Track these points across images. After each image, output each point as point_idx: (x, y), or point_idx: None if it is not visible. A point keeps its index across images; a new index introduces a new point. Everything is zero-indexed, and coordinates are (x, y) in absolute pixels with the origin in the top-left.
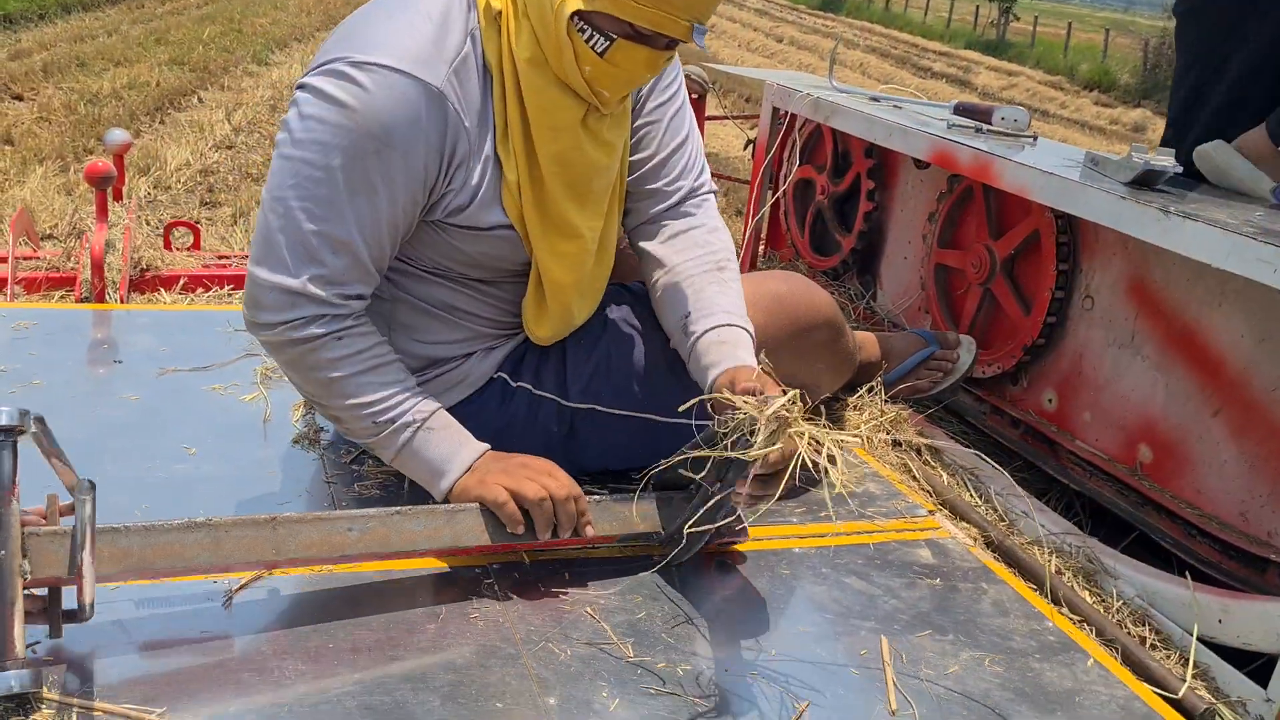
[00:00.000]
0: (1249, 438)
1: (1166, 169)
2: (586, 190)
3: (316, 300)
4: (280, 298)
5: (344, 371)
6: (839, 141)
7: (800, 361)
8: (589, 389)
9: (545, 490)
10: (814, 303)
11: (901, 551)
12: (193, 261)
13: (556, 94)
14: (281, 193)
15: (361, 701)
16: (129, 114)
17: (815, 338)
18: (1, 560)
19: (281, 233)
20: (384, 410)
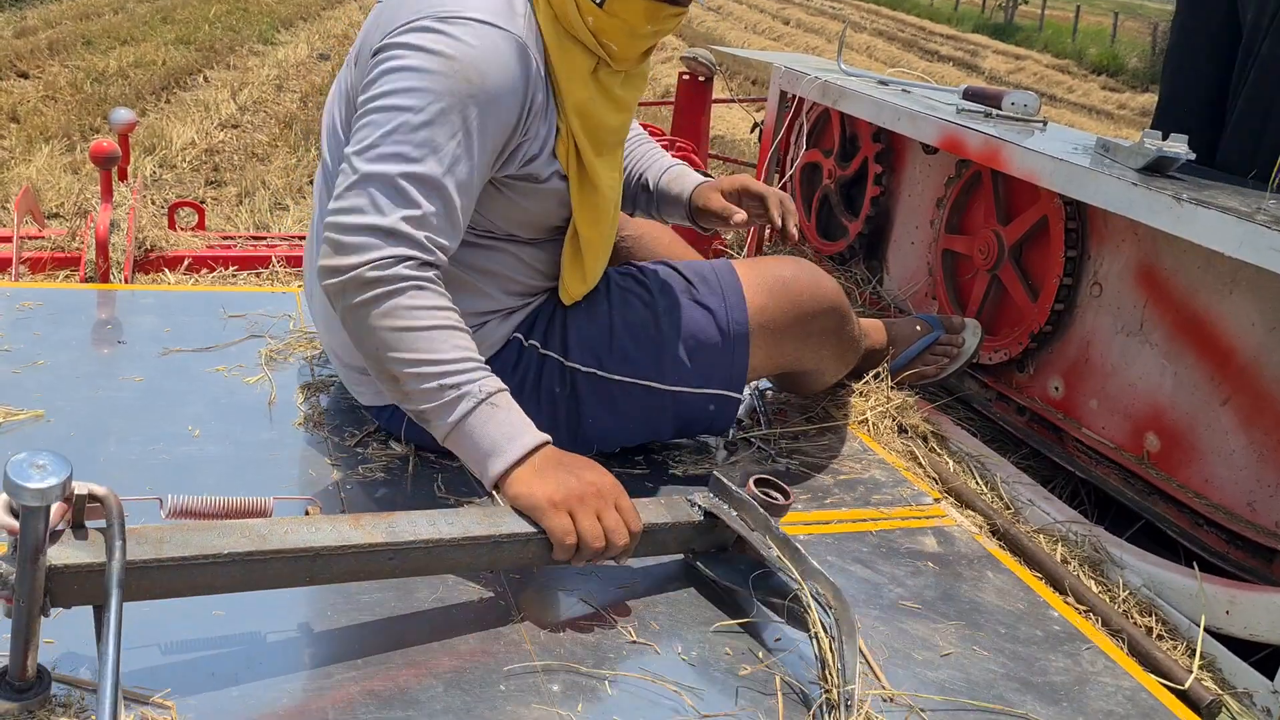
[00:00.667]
0: (1258, 427)
1: (1179, 156)
2: (602, 144)
3: (408, 240)
4: (369, 237)
5: (420, 323)
6: (847, 125)
7: (804, 347)
8: (590, 349)
9: (601, 533)
10: (819, 288)
11: (907, 539)
12: (197, 242)
13: (569, 45)
14: (374, 141)
15: (364, 687)
16: (135, 93)
17: (820, 323)
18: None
19: (374, 178)
20: (452, 374)
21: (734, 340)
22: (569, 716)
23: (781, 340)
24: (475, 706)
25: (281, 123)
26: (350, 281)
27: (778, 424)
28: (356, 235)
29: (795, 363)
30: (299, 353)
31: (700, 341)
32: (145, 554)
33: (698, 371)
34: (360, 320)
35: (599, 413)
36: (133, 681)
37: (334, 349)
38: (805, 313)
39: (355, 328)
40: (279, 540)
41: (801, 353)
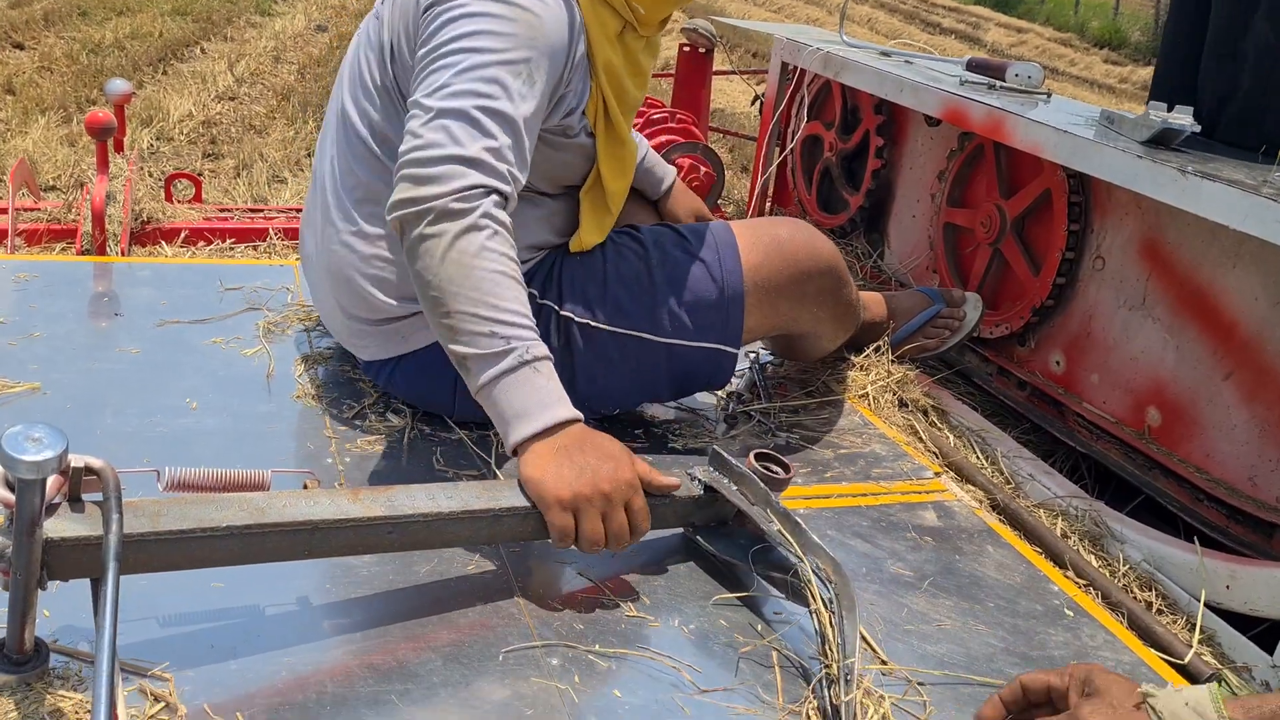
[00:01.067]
0: (1260, 401)
1: (1184, 128)
2: (624, 101)
3: (491, 170)
4: (453, 166)
5: (491, 266)
6: (848, 98)
7: (800, 308)
8: (584, 299)
9: (602, 536)
10: (815, 248)
11: (907, 513)
12: (194, 214)
13: (600, 5)
14: (447, 81)
15: (362, 660)
16: (131, 64)
17: (816, 284)
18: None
19: (450, 113)
20: (507, 325)
21: (729, 297)
22: (567, 690)
23: (777, 300)
24: (474, 680)
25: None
26: (432, 210)
27: (777, 397)
28: (439, 166)
29: (792, 324)
30: (297, 325)
31: (695, 296)
32: (142, 527)
33: (693, 325)
34: (433, 249)
35: (594, 369)
36: (131, 654)
37: (338, 302)
38: (801, 272)
39: (425, 256)
40: (277, 514)
41: (798, 313)
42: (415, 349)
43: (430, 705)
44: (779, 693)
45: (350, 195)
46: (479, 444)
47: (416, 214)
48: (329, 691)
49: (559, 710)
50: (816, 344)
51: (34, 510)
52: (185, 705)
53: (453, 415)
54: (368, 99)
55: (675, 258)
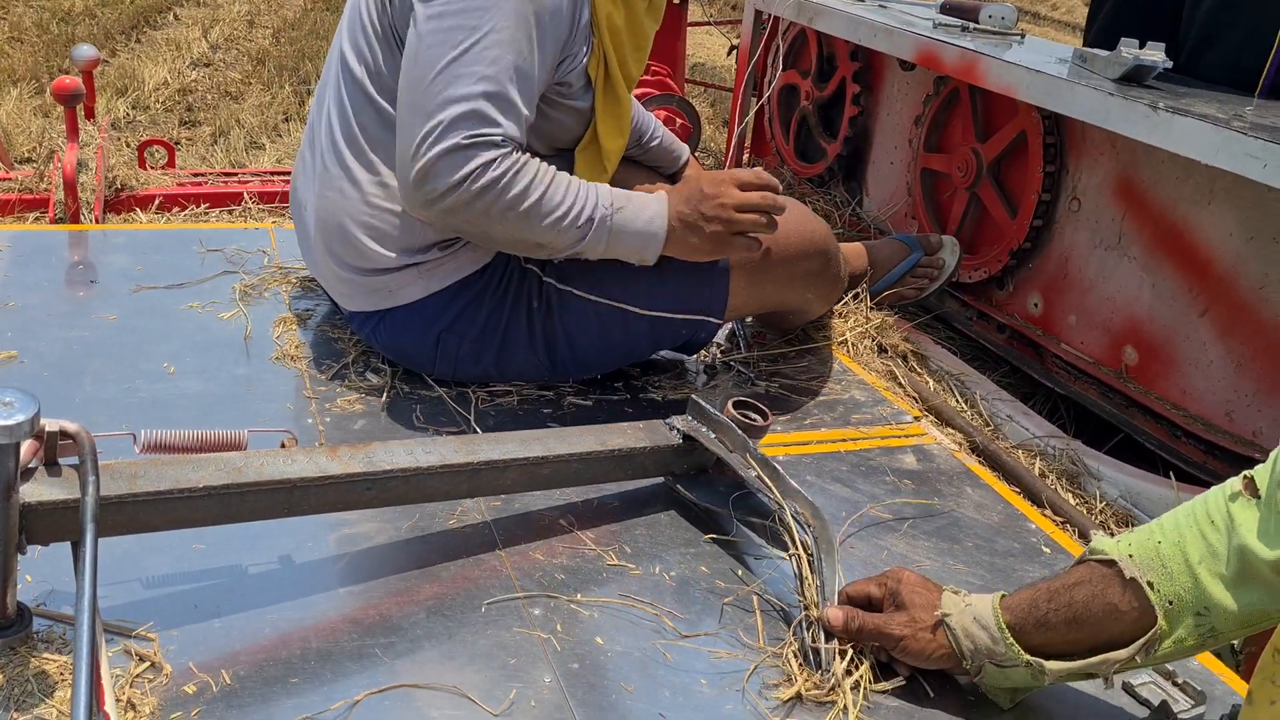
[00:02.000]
0: (1235, 336)
1: (1156, 64)
2: (624, 60)
3: (487, 144)
4: (453, 158)
5: (535, 196)
6: (824, 45)
7: (787, 289)
8: (567, 267)
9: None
10: (806, 232)
11: (886, 458)
12: (168, 180)
13: None
14: (447, 64)
15: (346, 615)
16: (103, 32)
17: (805, 266)
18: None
19: (456, 100)
20: (580, 214)
21: (714, 274)
22: (549, 639)
23: (763, 281)
24: (457, 632)
25: (255, 60)
26: (458, 204)
27: (757, 347)
28: (441, 160)
29: (778, 304)
30: (274, 288)
31: (680, 271)
32: (120, 489)
33: (676, 298)
34: (484, 226)
35: (575, 336)
36: (115, 615)
37: (330, 251)
38: (790, 255)
39: (486, 228)
40: (255, 473)
41: (784, 295)
42: (402, 304)
43: (414, 657)
44: (760, 636)
45: (349, 143)
46: (458, 401)
47: (445, 210)
48: (313, 647)
49: (542, 659)
50: (801, 318)
51: (9, 475)
52: (170, 664)
53: (433, 373)
54: (366, 44)
55: None
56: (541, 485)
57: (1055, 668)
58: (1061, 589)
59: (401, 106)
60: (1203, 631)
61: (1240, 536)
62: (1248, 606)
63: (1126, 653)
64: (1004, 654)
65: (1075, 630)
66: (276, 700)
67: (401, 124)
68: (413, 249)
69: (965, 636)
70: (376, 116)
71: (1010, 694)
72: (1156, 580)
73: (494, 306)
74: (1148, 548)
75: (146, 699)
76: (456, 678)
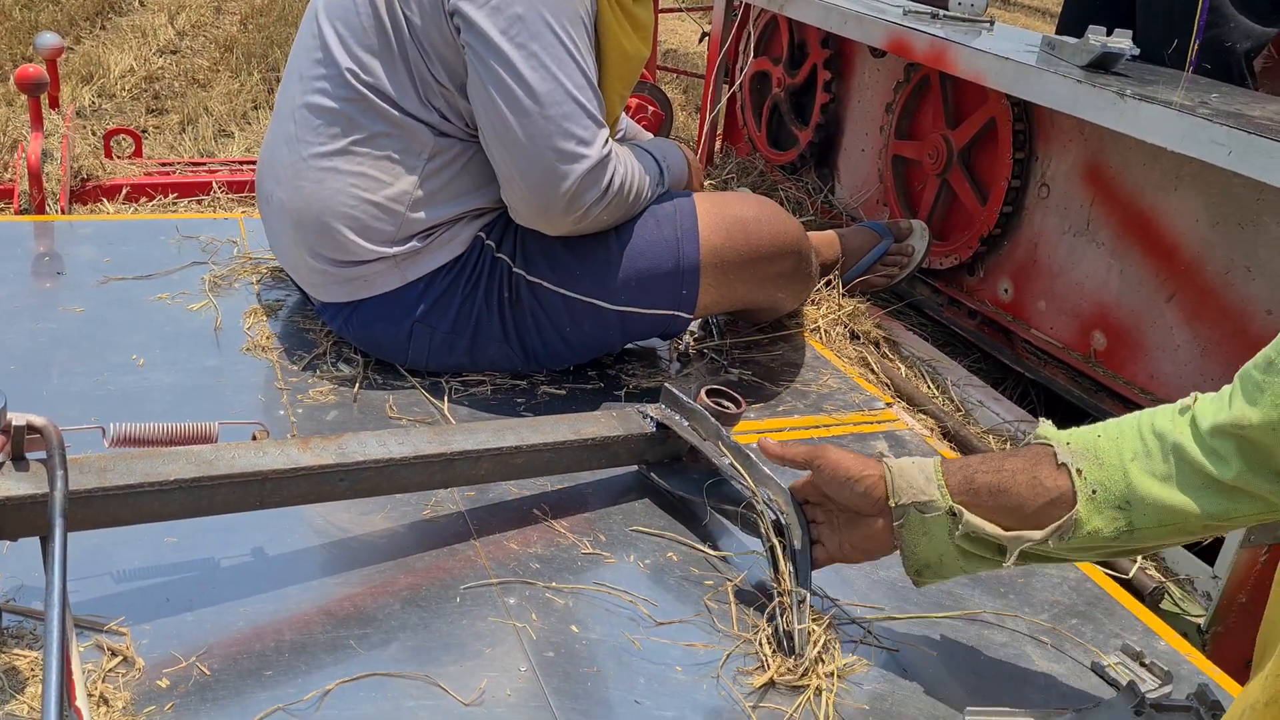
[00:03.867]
0: (1202, 321)
1: (1123, 51)
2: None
3: (610, 153)
4: (593, 174)
5: (635, 175)
6: (795, 32)
7: (758, 289)
8: (538, 259)
9: None
10: (779, 233)
11: (858, 444)
12: (135, 169)
13: None
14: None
15: (320, 607)
16: (67, 19)
17: (777, 267)
18: None
19: (561, 118)
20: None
21: (685, 271)
22: (524, 628)
23: (734, 281)
24: (432, 622)
25: (222, 47)
26: (608, 205)
27: (730, 334)
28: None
29: (749, 303)
30: (244, 278)
31: (650, 269)
32: (89, 483)
33: (646, 295)
34: (615, 216)
35: (545, 328)
36: (87, 610)
37: (303, 243)
38: (762, 256)
39: (610, 220)
40: (226, 465)
41: (755, 294)
42: (375, 294)
43: (388, 648)
44: (733, 622)
45: (329, 134)
46: (432, 391)
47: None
48: (287, 639)
49: (516, 647)
50: (772, 314)
51: None
52: (143, 657)
53: (405, 363)
54: (354, 34)
55: (633, 230)
56: (515, 475)
57: (973, 521)
58: (997, 456)
59: (511, 128)
60: (1119, 527)
61: (1178, 438)
62: (1169, 508)
63: (1041, 534)
64: (932, 497)
65: (998, 497)
66: (250, 692)
67: (519, 147)
68: (394, 240)
69: (900, 474)
70: (365, 108)
71: (922, 567)
72: (1085, 468)
73: (466, 296)
74: (1086, 440)
75: (119, 693)
76: (430, 667)
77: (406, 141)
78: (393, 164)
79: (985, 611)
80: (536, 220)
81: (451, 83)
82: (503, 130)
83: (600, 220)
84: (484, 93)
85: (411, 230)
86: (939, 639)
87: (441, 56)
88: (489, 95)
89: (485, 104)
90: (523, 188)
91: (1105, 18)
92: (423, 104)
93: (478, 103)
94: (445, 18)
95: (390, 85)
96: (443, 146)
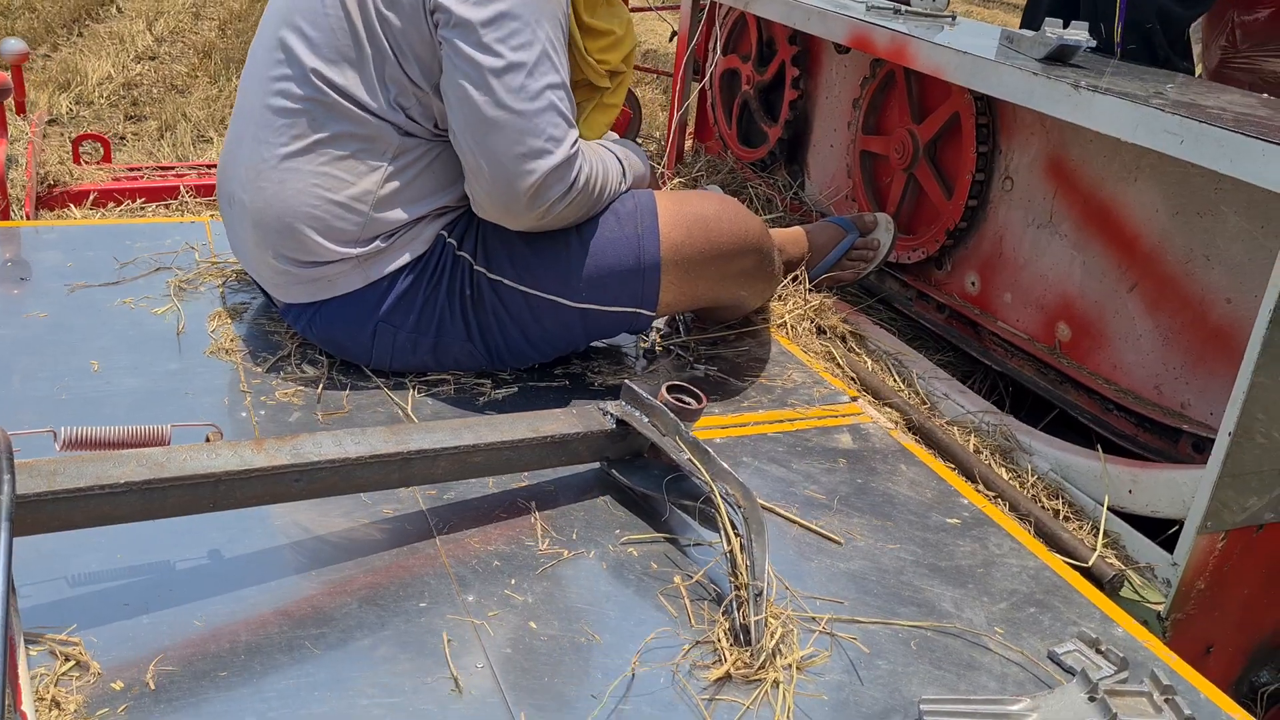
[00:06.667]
0: (1163, 310)
1: (1079, 43)
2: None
3: (578, 151)
4: (559, 170)
5: (600, 172)
6: (763, 29)
7: (720, 287)
8: (499, 257)
9: None
10: (740, 230)
11: (822, 437)
12: (103, 175)
13: None
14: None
15: (278, 609)
16: (44, 26)
17: (739, 264)
18: None
19: (534, 114)
20: (620, 174)
21: (646, 268)
22: (483, 625)
23: (696, 279)
24: (390, 620)
25: (200, 53)
26: (568, 206)
27: (695, 330)
28: (550, 177)
29: (712, 300)
30: (209, 282)
31: (611, 266)
32: (38, 487)
33: (607, 292)
34: (582, 212)
35: (507, 326)
36: (40, 615)
37: (266, 244)
38: (723, 253)
39: (572, 214)
40: (177, 468)
41: (718, 292)
42: (338, 294)
43: (345, 647)
44: (690, 617)
45: (292, 134)
46: (396, 391)
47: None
48: (243, 641)
49: (475, 644)
50: (736, 313)
51: None
52: (97, 661)
53: (370, 364)
54: (320, 32)
55: (595, 226)
56: (474, 474)
57: None
58: None
59: (482, 122)
60: None
61: None
62: None
63: None
64: None
65: None
66: (205, 694)
67: (490, 141)
68: (358, 240)
69: None
70: (329, 108)
71: None
72: None
73: (428, 295)
74: None
75: (71, 697)
76: (386, 666)
77: (370, 141)
78: (356, 163)
79: (944, 601)
80: (501, 215)
81: (426, 82)
82: (475, 122)
83: (564, 216)
84: (458, 86)
85: (376, 230)
86: (897, 628)
87: (418, 56)
88: (463, 88)
89: (459, 96)
90: (490, 181)
91: (1064, 10)
92: (390, 105)
93: (451, 96)
94: (425, 15)
95: (356, 86)
96: (408, 146)
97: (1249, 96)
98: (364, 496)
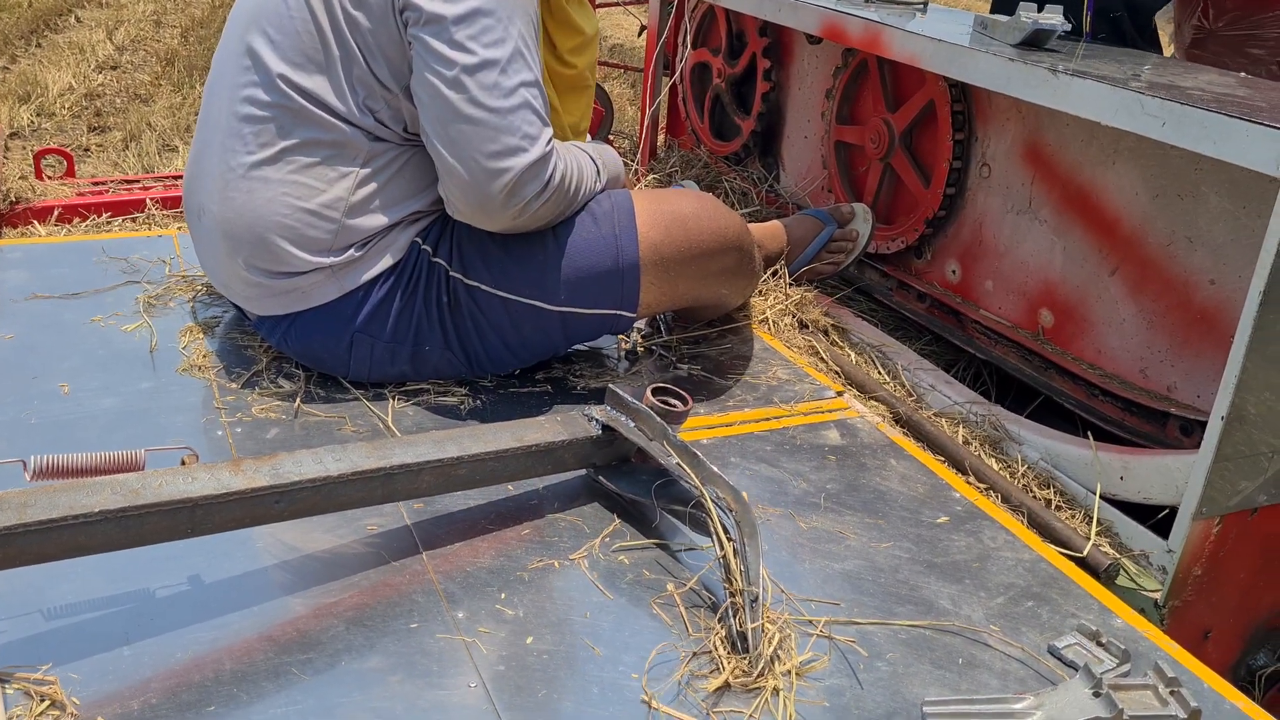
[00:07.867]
0: (1146, 294)
1: (1055, 27)
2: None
3: (552, 150)
4: (534, 169)
5: (575, 171)
6: (733, 21)
7: (700, 286)
8: (475, 262)
9: None
10: (719, 228)
11: (810, 434)
12: (67, 190)
13: None
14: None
15: (262, 634)
16: (1, 39)
17: (719, 263)
18: None
19: (507, 112)
20: (595, 170)
21: (624, 269)
22: (474, 642)
23: (676, 278)
24: (378, 641)
25: (163, 61)
26: (544, 204)
27: (677, 330)
28: (524, 173)
29: (693, 300)
30: (179, 297)
31: (589, 267)
32: (8, 520)
33: (586, 295)
34: (558, 210)
35: (486, 332)
36: (14, 653)
37: (237, 257)
38: (702, 252)
39: (547, 214)
40: (153, 494)
41: (698, 291)
42: (313, 305)
43: (332, 671)
44: (686, 625)
45: (260, 142)
46: (375, 402)
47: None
48: (227, 669)
49: (467, 663)
50: (717, 311)
51: None
52: (77, 698)
53: (347, 376)
54: (287, 37)
55: (571, 227)
56: (458, 486)
57: None
58: None
59: (456, 120)
60: None
61: None
62: None
63: None
64: None
65: None
66: None
67: (463, 140)
68: (331, 249)
69: None
70: (297, 114)
71: None
72: None
73: (405, 303)
74: None
75: None
76: (376, 689)
77: (340, 147)
78: (326, 169)
79: (941, 598)
80: (475, 215)
81: (395, 84)
82: (448, 121)
83: (539, 216)
84: (429, 84)
85: (349, 238)
86: (896, 629)
87: (387, 57)
88: (434, 87)
89: (430, 95)
90: (464, 180)
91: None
92: (359, 109)
93: (422, 95)
94: (395, 14)
95: (324, 91)
96: (378, 151)
97: (1226, 76)
98: (348, 513)
